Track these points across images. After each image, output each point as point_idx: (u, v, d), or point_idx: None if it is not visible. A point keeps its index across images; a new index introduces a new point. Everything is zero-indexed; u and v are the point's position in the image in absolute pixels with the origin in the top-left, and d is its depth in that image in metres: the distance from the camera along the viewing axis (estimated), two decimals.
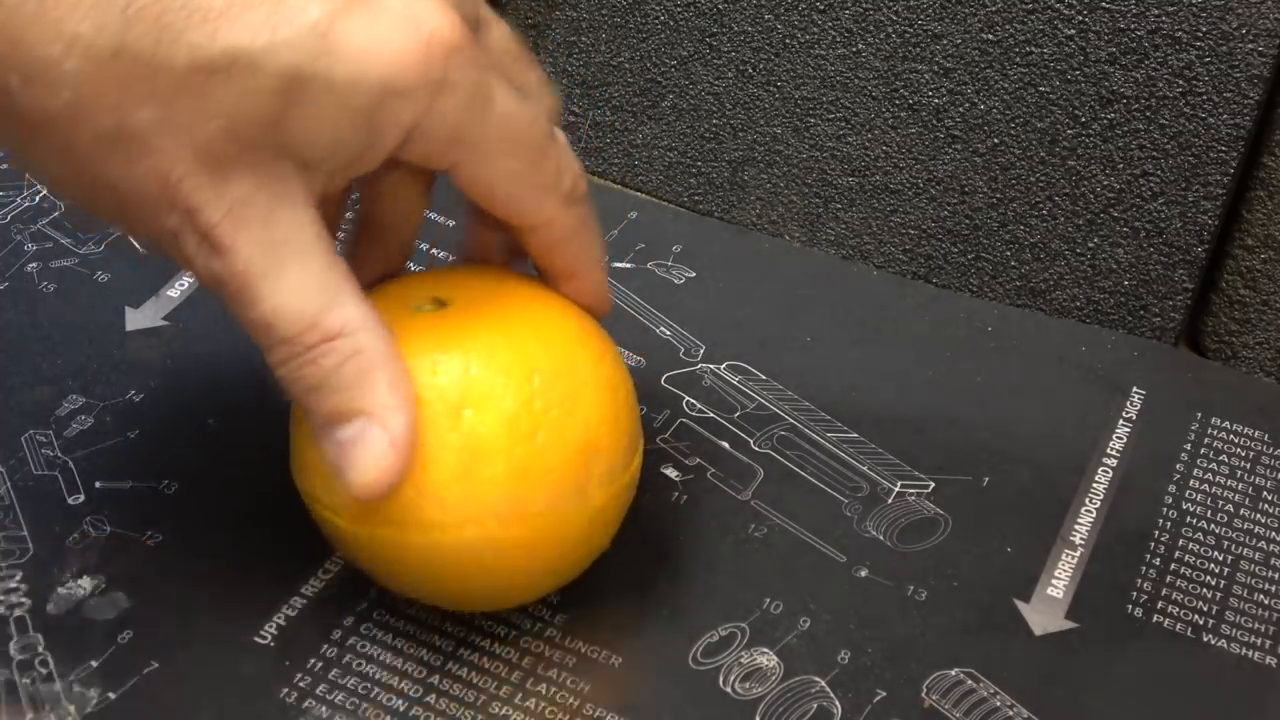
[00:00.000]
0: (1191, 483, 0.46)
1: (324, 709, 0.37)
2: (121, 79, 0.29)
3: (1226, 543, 0.44)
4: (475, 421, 0.34)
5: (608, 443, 0.36)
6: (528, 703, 0.38)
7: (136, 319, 0.49)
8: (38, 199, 0.53)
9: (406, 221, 0.39)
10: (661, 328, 0.51)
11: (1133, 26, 0.47)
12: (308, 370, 0.33)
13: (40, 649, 0.38)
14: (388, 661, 0.38)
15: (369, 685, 0.38)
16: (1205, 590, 0.43)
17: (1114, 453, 0.47)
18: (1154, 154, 0.49)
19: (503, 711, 0.37)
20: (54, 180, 0.32)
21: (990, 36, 0.49)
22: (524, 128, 0.34)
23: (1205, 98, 0.47)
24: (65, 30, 0.28)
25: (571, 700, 0.38)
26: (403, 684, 0.38)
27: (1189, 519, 0.45)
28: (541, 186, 0.35)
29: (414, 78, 0.31)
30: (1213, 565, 0.43)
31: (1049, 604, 0.42)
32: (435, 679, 0.38)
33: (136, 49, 0.29)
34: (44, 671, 0.37)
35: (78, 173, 0.31)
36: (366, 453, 0.33)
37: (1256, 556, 0.44)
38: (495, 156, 0.34)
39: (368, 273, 0.38)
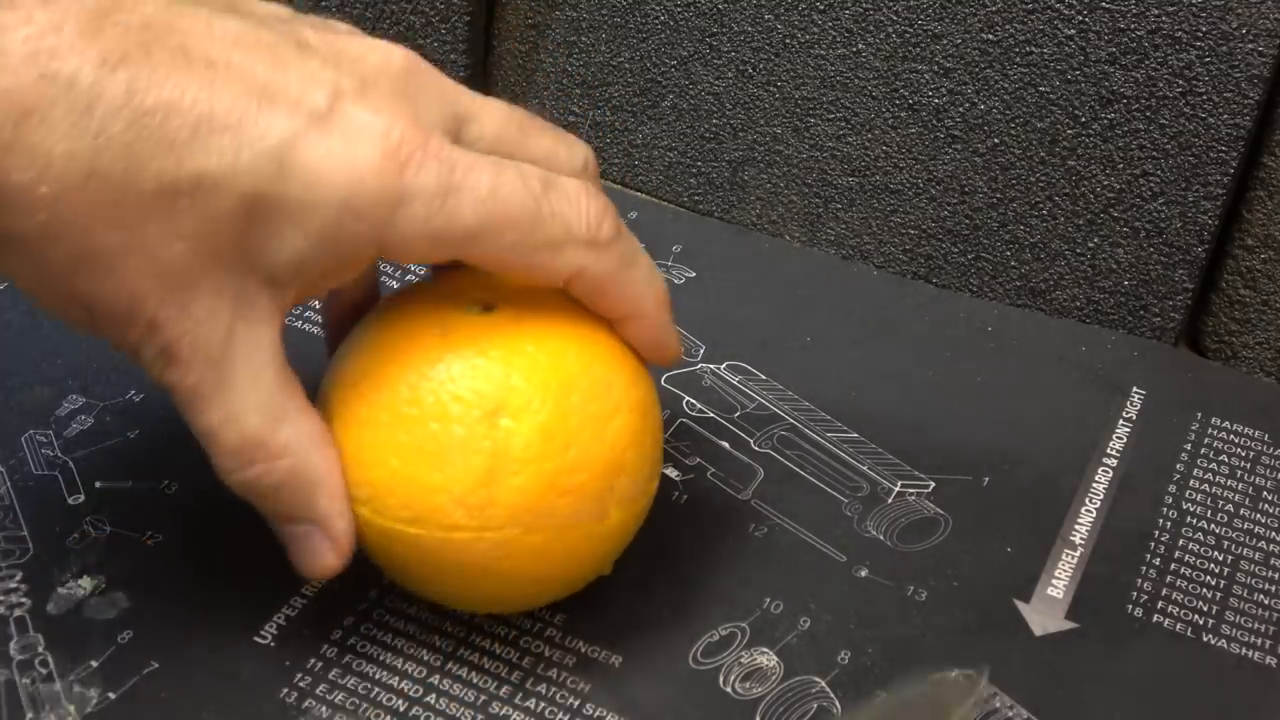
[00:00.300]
0: (1191, 483, 0.46)
1: (324, 709, 0.37)
2: (92, 203, 0.30)
3: (1226, 543, 0.44)
4: (510, 430, 0.34)
5: (633, 465, 0.36)
6: (528, 703, 0.38)
7: None
8: None
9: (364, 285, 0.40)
10: None
11: (1133, 26, 0.47)
12: (251, 483, 0.34)
13: (40, 649, 0.38)
14: (388, 661, 0.38)
15: (369, 685, 0.38)
16: (1205, 590, 0.43)
17: (1114, 453, 0.47)
18: (1154, 154, 0.49)
19: (503, 711, 0.37)
20: (25, 290, 0.33)
21: (990, 36, 0.49)
22: (505, 200, 0.34)
23: (1205, 98, 0.47)
24: (39, 157, 0.29)
25: (571, 700, 0.38)
26: (403, 684, 0.38)
27: (1189, 519, 0.45)
28: (549, 245, 0.34)
29: (370, 194, 0.32)
30: (1213, 565, 0.43)
31: (1049, 604, 0.42)
32: (435, 679, 0.38)
33: (106, 174, 0.30)
34: (44, 671, 0.37)
35: (49, 287, 0.32)
36: (313, 553, 0.35)
37: (1256, 556, 0.44)
38: (484, 240, 0.33)
39: (334, 310, 0.40)
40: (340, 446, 0.35)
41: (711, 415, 0.47)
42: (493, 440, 0.34)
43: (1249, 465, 0.47)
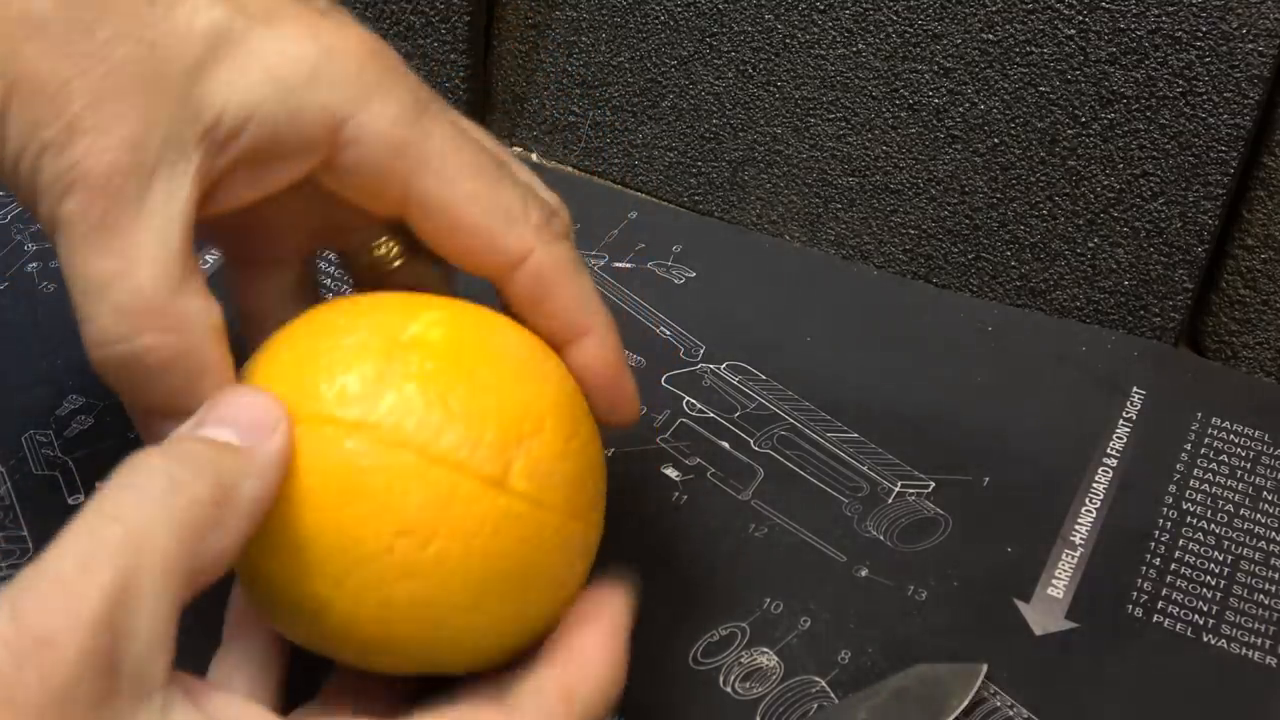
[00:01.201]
0: (1191, 483, 0.46)
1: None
2: None
3: (1226, 543, 0.44)
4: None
5: (550, 430, 0.33)
6: None
7: None
8: None
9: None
10: (661, 328, 0.51)
11: (1133, 26, 0.47)
12: (131, 360, 0.30)
13: None
14: None
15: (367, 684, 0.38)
16: (1205, 590, 0.43)
17: (1114, 453, 0.47)
18: (1154, 154, 0.49)
19: None
20: None
21: (990, 36, 0.49)
22: (475, 148, 0.32)
23: (1205, 98, 0.47)
24: None
25: None
26: (401, 682, 0.38)
27: (1189, 519, 0.45)
28: (505, 212, 0.32)
29: (347, 66, 0.30)
30: (1213, 565, 0.43)
31: (1049, 604, 0.42)
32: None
33: None
34: None
35: None
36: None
37: (1256, 556, 0.44)
38: (446, 173, 0.32)
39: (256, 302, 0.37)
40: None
41: (711, 415, 0.47)
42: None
43: (1249, 465, 0.47)
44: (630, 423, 0.35)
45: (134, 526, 0.27)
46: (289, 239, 0.36)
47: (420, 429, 0.31)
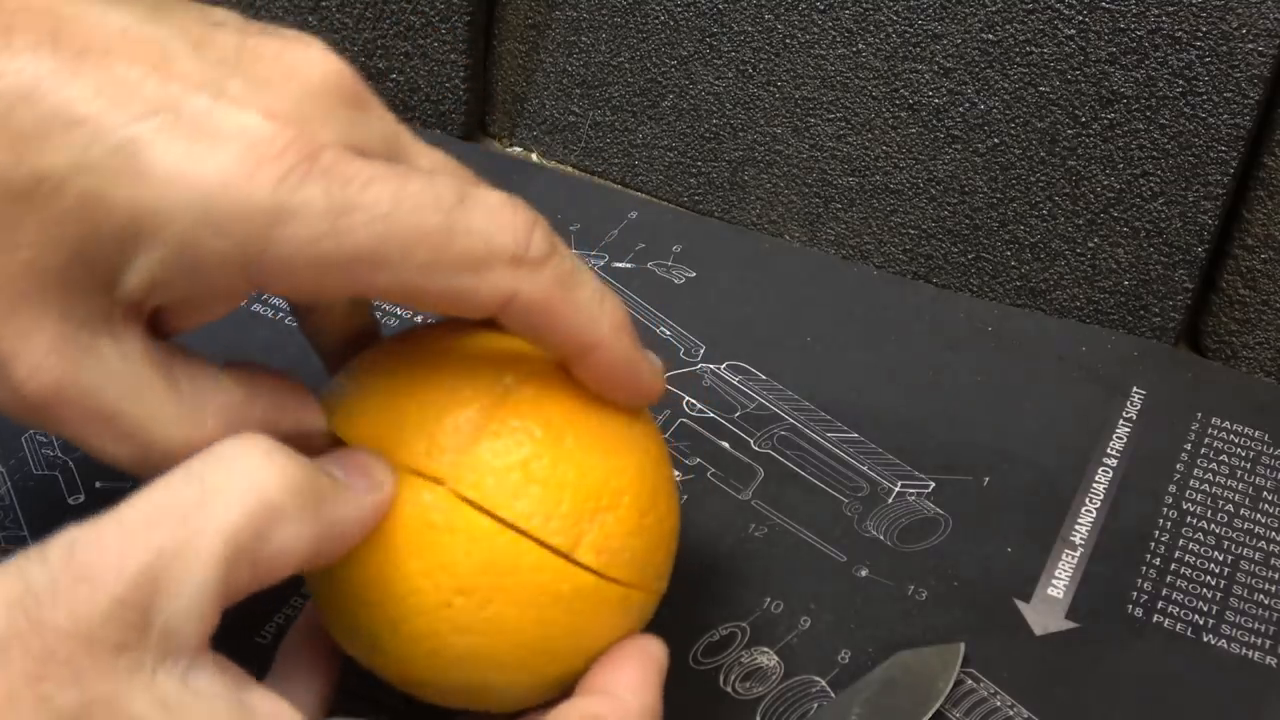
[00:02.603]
0: (1191, 483, 0.46)
1: None
2: None
3: (1226, 543, 0.44)
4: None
5: (626, 509, 0.33)
6: None
7: None
8: None
9: (355, 321, 0.36)
10: (661, 328, 0.51)
11: (1133, 26, 0.47)
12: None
13: None
14: None
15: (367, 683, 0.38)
16: (1205, 590, 0.43)
17: (1114, 453, 0.47)
18: (1154, 154, 0.49)
19: None
20: None
21: (990, 36, 0.49)
22: (410, 214, 0.28)
23: (1205, 98, 0.47)
24: None
25: None
26: None
27: (1189, 519, 0.45)
28: (469, 265, 0.29)
29: (233, 206, 0.27)
30: (1213, 565, 0.43)
31: (1049, 604, 0.42)
32: None
33: None
34: None
35: None
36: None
37: (1256, 556, 0.44)
38: (386, 262, 0.28)
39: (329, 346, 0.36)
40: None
41: (711, 415, 0.47)
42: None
43: (1249, 465, 0.47)
44: (657, 399, 0.34)
45: (211, 490, 0.27)
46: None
47: (497, 492, 0.31)
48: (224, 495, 0.27)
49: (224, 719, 0.27)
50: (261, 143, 0.27)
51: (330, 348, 0.36)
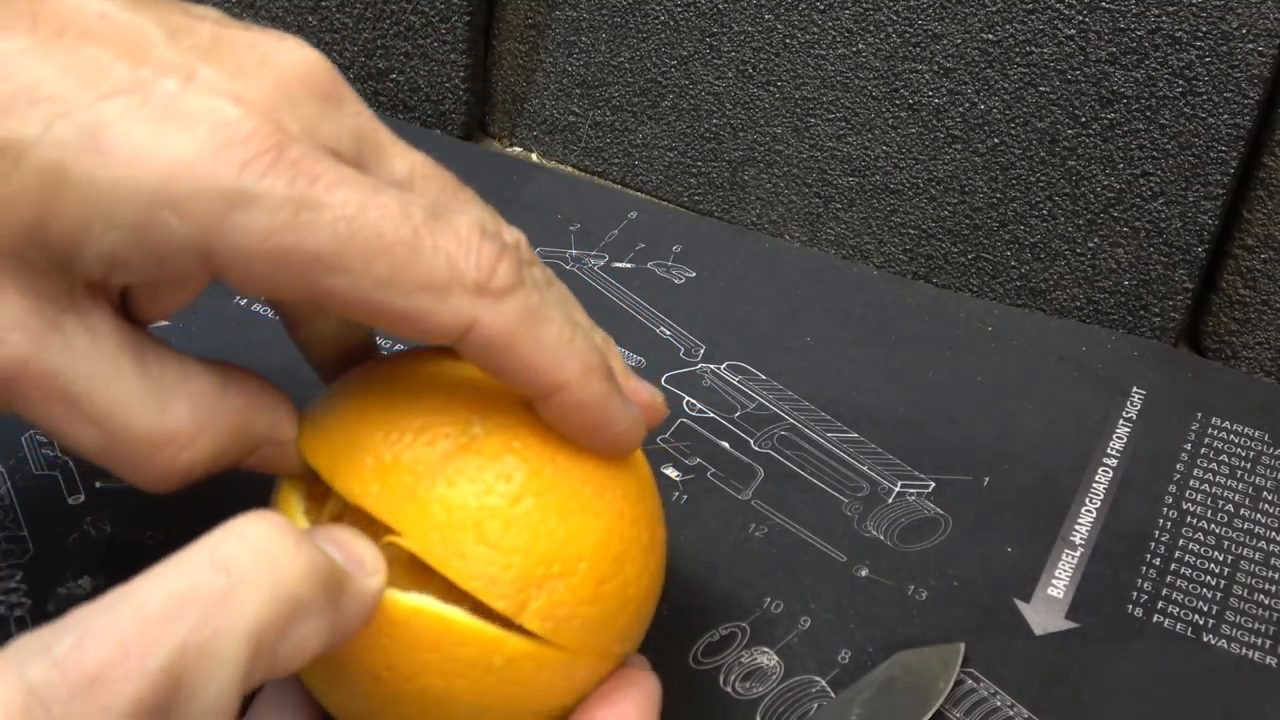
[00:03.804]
0: (1191, 483, 0.46)
1: None
2: None
3: (1226, 543, 0.44)
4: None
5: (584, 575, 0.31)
6: None
7: None
8: None
9: (350, 336, 0.36)
10: (661, 328, 0.51)
11: (1133, 26, 0.47)
12: (184, 474, 0.30)
13: None
14: None
15: None
16: (1205, 590, 0.43)
17: (1114, 453, 0.47)
18: (1154, 154, 0.49)
19: None
20: None
21: (990, 36, 0.49)
22: (375, 221, 0.28)
23: (1205, 98, 0.47)
24: None
25: None
26: None
27: (1189, 519, 0.45)
28: (430, 286, 0.28)
29: (192, 186, 0.26)
30: (1213, 565, 0.43)
31: (1049, 604, 0.42)
32: None
33: None
34: None
35: None
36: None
37: (1256, 556, 0.44)
38: (345, 266, 0.27)
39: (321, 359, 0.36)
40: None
41: (711, 415, 0.47)
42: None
43: (1249, 465, 0.47)
44: (633, 449, 0.33)
45: (236, 582, 0.25)
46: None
47: (443, 549, 0.30)
48: (250, 588, 0.25)
49: None
50: (227, 126, 0.27)
51: (322, 361, 0.36)
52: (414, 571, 0.30)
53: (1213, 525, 0.45)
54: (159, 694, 0.24)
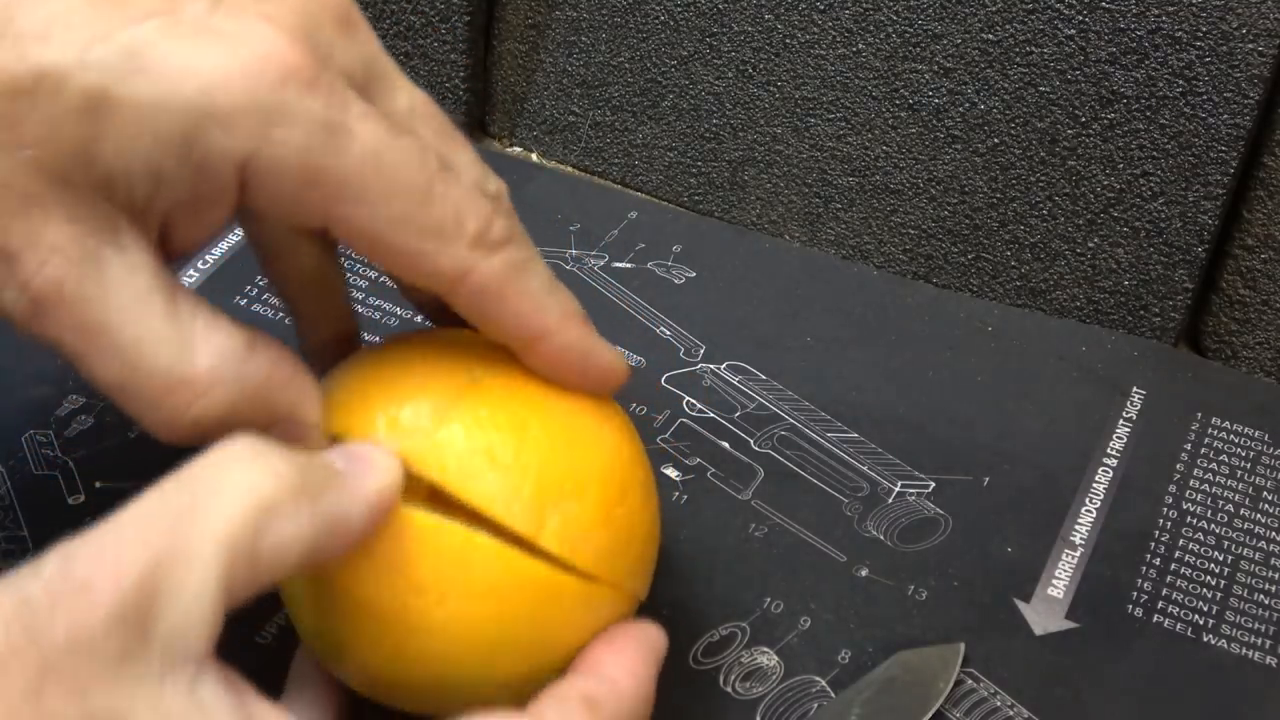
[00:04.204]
0: (1191, 483, 0.46)
1: None
2: None
3: (1226, 543, 0.44)
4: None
5: (594, 494, 0.33)
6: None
7: None
8: None
9: (324, 291, 0.37)
10: (661, 328, 0.51)
11: (1133, 26, 0.47)
12: (194, 426, 0.30)
13: None
14: None
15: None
16: (1205, 590, 0.43)
17: (1114, 453, 0.47)
18: (1154, 154, 0.49)
19: None
20: None
21: (990, 36, 0.49)
22: (397, 162, 0.29)
23: (1205, 98, 0.47)
24: None
25: None
26: None
27: (1189, 519, 0.45)
28: (436, 232, 0.30)
29: (235, 100, 0.28)
30: (1213, 565, 0.43)
31: (1049, 604, 0.42)
32: None
33: None
34: None
35: None
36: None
37: (1256, 556, 0.44)
38: (366, 198, 0.29)
39: (312, 344, 0.37)
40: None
41: (711, 415, 0.47)
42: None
43: (1249, 465, 0.47)
44: (618, 385, 0.34)
45: (204, 493, 0.27)
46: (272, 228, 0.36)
47: (458, 475, 0.31)
48: (218, 497, 0.27)
49: None
50: (266, 43, 0.28)
51: (294, 299, 0.37)
52: (435, 509, 0.31)
53: (1213, 525, 0.45)
54: (138, 600, 0.25)
